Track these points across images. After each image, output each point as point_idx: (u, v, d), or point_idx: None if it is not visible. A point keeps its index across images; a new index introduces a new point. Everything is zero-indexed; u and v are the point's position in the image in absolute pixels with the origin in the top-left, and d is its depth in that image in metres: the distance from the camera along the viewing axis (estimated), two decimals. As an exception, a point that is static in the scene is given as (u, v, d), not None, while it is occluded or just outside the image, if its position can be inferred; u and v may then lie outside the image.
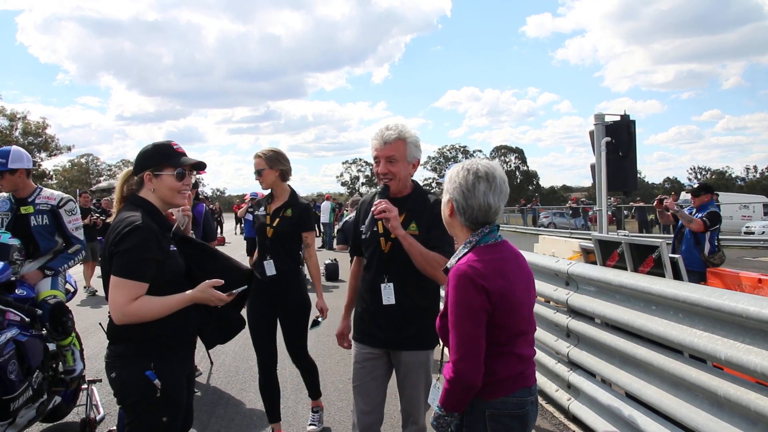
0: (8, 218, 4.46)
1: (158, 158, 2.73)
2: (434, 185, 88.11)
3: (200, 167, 2.89)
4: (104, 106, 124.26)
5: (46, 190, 4.62)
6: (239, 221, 31.11)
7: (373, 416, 3.27)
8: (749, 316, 2.89)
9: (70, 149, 71.08)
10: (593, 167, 7.57)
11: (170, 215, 2.92)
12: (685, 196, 29.37)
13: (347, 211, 16.06)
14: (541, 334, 5.27)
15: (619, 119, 7.25)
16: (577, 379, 4.73)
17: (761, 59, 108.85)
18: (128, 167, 2.93)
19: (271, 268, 4.41)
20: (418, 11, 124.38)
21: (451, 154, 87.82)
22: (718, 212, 7.17)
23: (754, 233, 25.16)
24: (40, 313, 4.05)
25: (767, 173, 73.53)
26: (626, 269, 4.64)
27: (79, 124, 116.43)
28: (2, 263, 3.86)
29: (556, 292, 5.13)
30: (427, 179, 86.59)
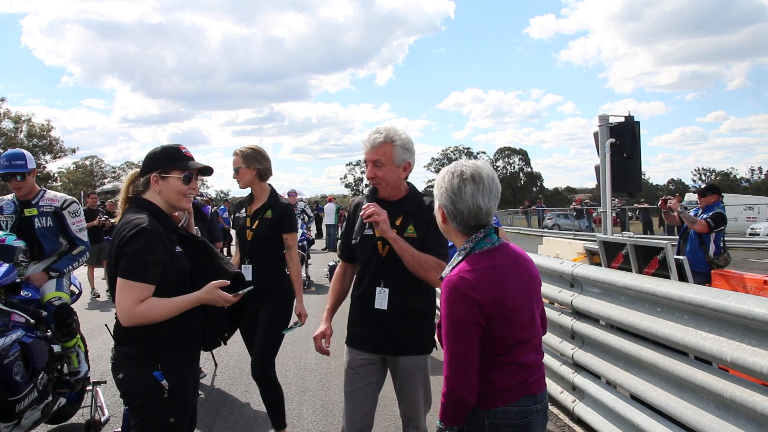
0: (12, 220, 4.47)
1: (166, 160, 2.72)
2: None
3: (207, 172, 2.89)
4: (108, 108, 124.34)
5: (49, 192, 4.65)
6: None
7: (363, 422, 3.19)
8: (755, 317, 2.88)
9: (74, 151, 71.25)
10: (598, 168, 7.57)
11: (175, 216, 2.90)
12: (689, 197, 29.37)
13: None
14: (545, 336, 5.24)
15: (623, 120, 7.25)
16: (582, 380, 4.72)
17: (766, 60, 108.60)
18: (133, 169, 2.93)
19: (249, 273, 4.19)
20: (421, 13, 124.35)
21: (454, 155, 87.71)
22: (723, 213, 7.14)
23: (759, 234, 25.05)
24: (45, 314, 4.06)
25: (772, 174, 73.34)
26: (631, 271, 4.63)
27: (83, 126, 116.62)
28: (7, 265, 3.86)
29: (560, 293, 5.12)
30: (431, 181, 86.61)
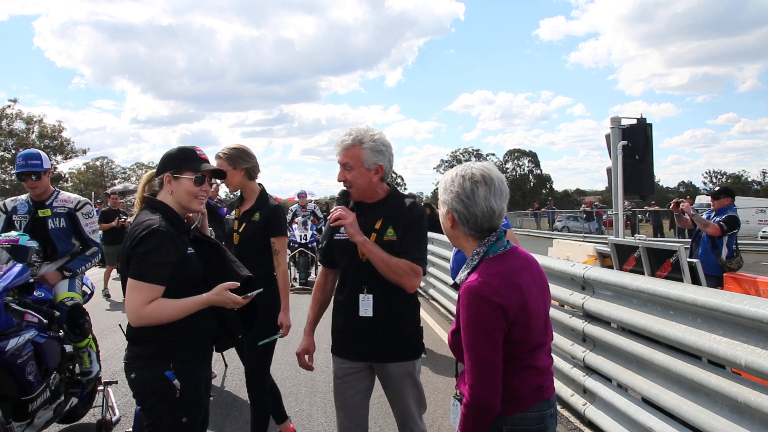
0: (26, 221, 4.50)
1: (180, 161, 2.74)
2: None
3: (220, 175, 2.90)
4: (119, 109, 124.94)
5: (63, 193, 4.68)
6: None
7: (358, 430, 3.18)
8: (770, 321, 2.86)
9: (85, 152, 71.35)
10: (609, 171, 7.54)
11: (190, 217, 2.92)
12: (700, 199, 29.20)
13: None
14: (556, 338, 5.23)
15: (635, 123, 7.22)
16: (593, 383, 4.70)
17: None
18: (143, 170, 2.94)
19: None
20: (431, 15, 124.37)
21: (464, 157, 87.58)
22: (736, 216, 7.09)
23: (771, 237, 24.93)
24: (57, 314, 4.08)
25: (784, 177, 72.84)
26: (643, 274, 4.61)
27: (94, 127, 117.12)
28: (21, 265, 3.89)
29: (571, 296, 5.10)
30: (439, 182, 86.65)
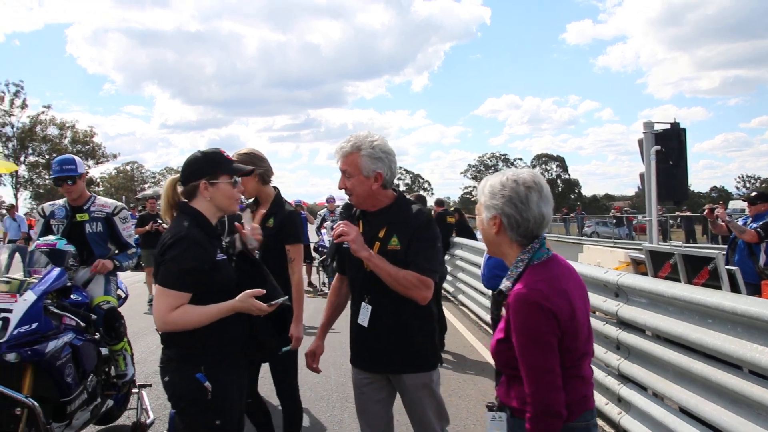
0: (64, 225, 4.58)
1: (213, 167, 2.74)
2: (474, 194, 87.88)
3: (251, 173, 2.92)
4: (148, 114, 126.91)
5: (100, 198, 4.76)
6: None
7: None
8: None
9: (116, 157, 72.95)
10: (643, 176, 7.43)
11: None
12: (733, 204, 28.66)
13: None
14: (589, 345, 5.17)
15: (669, 127, 7.12)
16: (628, 392, 4.63)
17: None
18: (172, 174, 2.97)
19: None
20: (457, 19, 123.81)
21: (491, 162, 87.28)
22: (774, 222, 6.93)
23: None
24: (94, 318, 4.14)
25: (820, 182, 71.21)
26: (679, 281, 4.53)
27: (124, 132, 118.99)
28: (59, 269, 3.96)
29: (605, 303, 5.04)
30: (467, 187, 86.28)
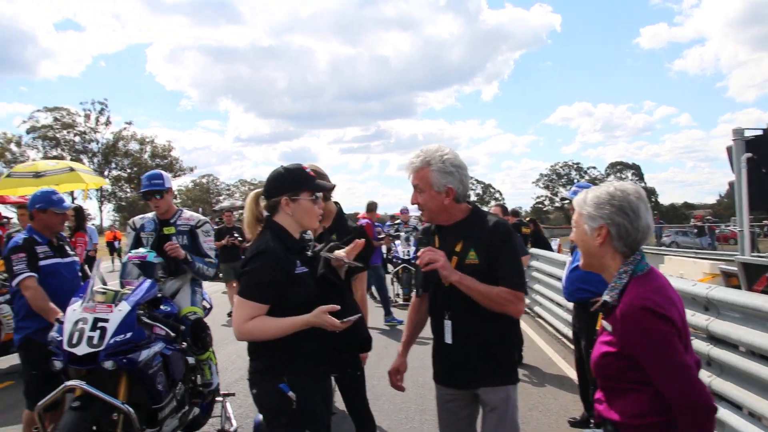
0: (152, 238, 4.75)
1: (294, 183, 2.79)
2: (547, 203, 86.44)
3: (332, 190, 2.96)
4: (223, 128, 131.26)
5: (186, 211, 4.92)
6: None
7: None
8: None
9: (192, 170, 75.93)
10: (732, 185, 7.11)
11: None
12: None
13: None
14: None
15: (761, 133, 6.78)
16: (721, 411, 4.40)
17: None
18: (247, 186, 3.01)
19: None
20: (526, 27, 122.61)
21: (563, 171, 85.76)
22: None
23: None
24: (183, 328, 4.27)
25: None
26: (777, 295, 4.31)
27: (200, 146, 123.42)
28: (150, 281, 4.10)
29: (693, 317, 4.83)
30: (539, 197, 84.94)
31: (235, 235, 11.79)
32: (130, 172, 71.47)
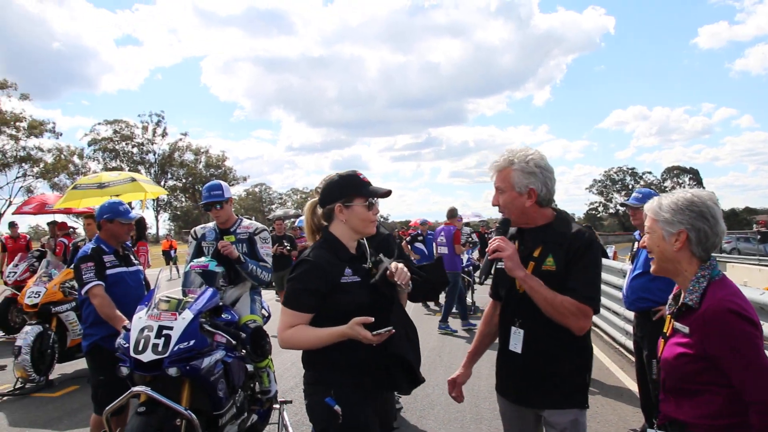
0: (213, 247, 4.85)
1: (348, 190, 2.76)
2: (601, 209, 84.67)
3: (387, 195, 2.92)
4: (275, 138, 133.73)
5: (245, 220, 5.03)
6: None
7: None
8: None
9: (245, 179, 77.55)
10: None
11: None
12: None
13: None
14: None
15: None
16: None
17: None
18: (299, 195, 3.01)
19: None
20: (579, 31, 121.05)
21: (618, 176, 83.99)
22: None
23: None
24: (243, 336, 4.34)
25: None
26: None
27: (253, 155, 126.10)
28: (212, 289, 4.19)
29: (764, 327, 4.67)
30: (593, 203, 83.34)
31: (284, 244, 11.87)
32: (185, 182, 73.47)
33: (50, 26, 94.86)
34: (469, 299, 12.82)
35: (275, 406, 5.04)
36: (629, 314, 7.82)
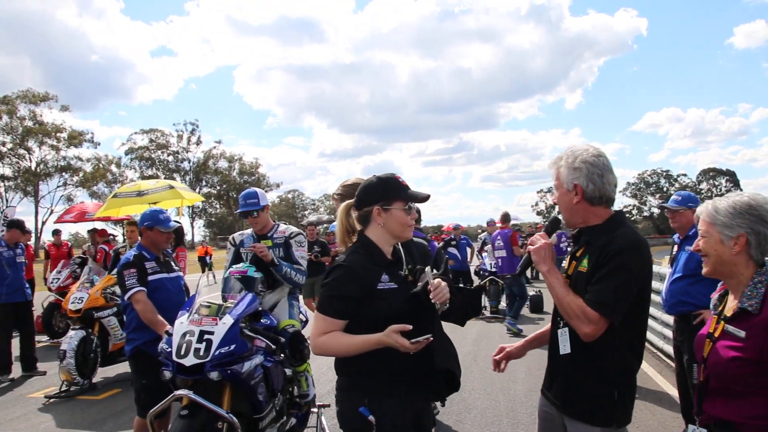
0: (251, 253, 4.92)
1: (389, 192, 2.69)
2: (635, 213, 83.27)
3: (426, 200, 2.90)
4: (308, 144, 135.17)
5: (282, 225, 5.11)
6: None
7: None
8: None
9: (278, 186, 78.19)
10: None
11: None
12: None
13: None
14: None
15: None
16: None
17: None
18: (331, 201, 3.01)
19: None
20: (611, 33, 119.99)
21: (652, 179, 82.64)
22: None
23: None
24: (282, 340, 4.40)
25: None
26: None
27: (285, 162, 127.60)
28: (252, 294, 4.26)
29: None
30: (626, 206, 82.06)
31: (315, 249, 11.89)
32: (219, 189, 74.48)
33: (89, 40, 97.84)
34: (503, 304, 12.77)
35: (313, 409, 5.09)
36: (667, 318, 7.72)
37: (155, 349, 4.05)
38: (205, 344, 3.73)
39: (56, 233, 13.65)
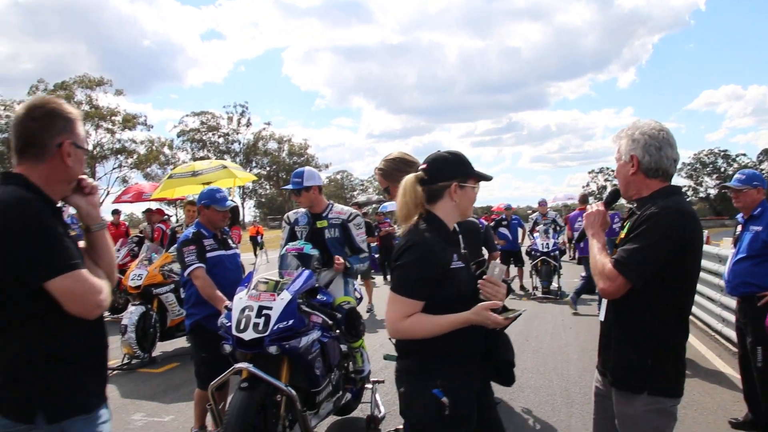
0: (306, 231, 4.98)
1: (465, 169, 2.66)
2: (690, 194, 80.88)
3: (491, 179, 2.88)
4: (356, 125, 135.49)
5: (337, 205, 5.12)
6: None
7: None
8: None
9: (327, 167, 78.66)
10: None
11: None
12: None
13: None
14: None
15: None
16: None
17: None
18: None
19: None
20: (666, 8, 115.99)
21: (708, 159, 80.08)
22: None
23: None
24: (339, 316, 4.46)
25: None
26: None
27: (334, 143, 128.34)
28: (308, 271, 4.32)
29: None
30: (683, 187, 79.71)
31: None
32: (269, 169, 75.43)
33: (141, 25, 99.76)
34: (555, 284, 12.64)
35: (368, 385, 5.16)
36: (726, 300, 7.52)
37: (214, 323, 4.15)
38: (263, 319, 3.80)
39: (115, 213, 14.07)
